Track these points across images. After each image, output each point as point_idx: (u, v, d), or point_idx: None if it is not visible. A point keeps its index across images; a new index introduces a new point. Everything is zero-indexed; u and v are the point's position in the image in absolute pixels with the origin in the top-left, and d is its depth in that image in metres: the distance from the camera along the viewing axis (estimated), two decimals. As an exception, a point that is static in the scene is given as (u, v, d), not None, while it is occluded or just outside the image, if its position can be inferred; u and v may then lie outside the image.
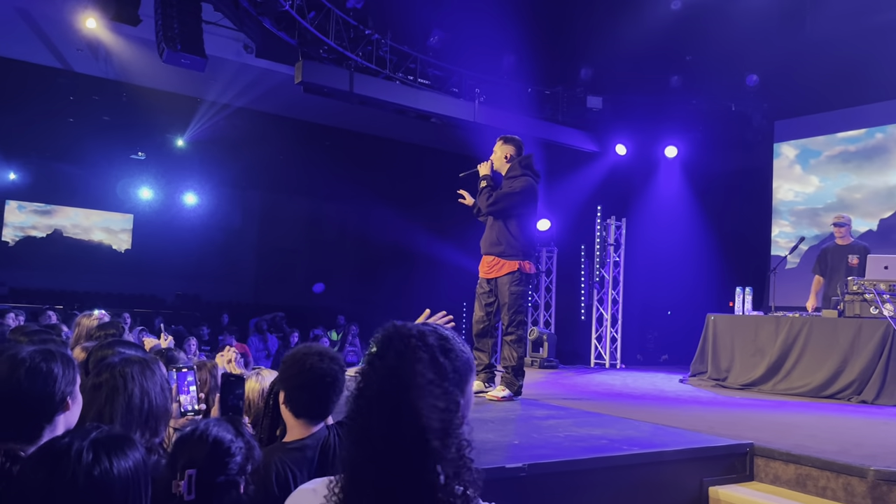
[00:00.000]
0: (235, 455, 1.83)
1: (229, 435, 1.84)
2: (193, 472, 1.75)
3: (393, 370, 1.26)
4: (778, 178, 9.93)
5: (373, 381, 1.28)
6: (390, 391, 1.24)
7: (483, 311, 5.49)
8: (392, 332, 1.32)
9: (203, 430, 1.84)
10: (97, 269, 15.88)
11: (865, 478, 3.30)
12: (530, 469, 2.98)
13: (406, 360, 1.27)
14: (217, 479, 1.79)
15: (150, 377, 2.07)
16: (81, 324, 4.14)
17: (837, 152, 9.19)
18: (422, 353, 1.29)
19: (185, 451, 1.80)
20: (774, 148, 10.27)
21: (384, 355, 1.29)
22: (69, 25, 9.62)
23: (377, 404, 1.25)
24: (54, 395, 1.84)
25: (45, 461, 1.34)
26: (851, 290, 6.38)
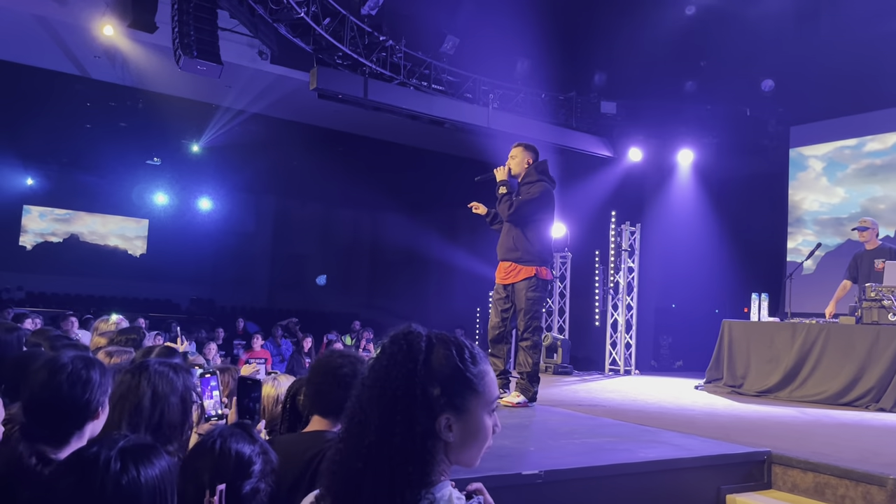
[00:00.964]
0: (255, 462, 1.84)
1: (247, 444, 1.85)
2: (223, 487, 1.76)
3: (372, 371, 1.27)
4: (804, 189, 9.96)
5: (364, 385, 1.28)
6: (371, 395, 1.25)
7: (499, 317, 5.48)
8: (392, 335, 1.31)
9: (222, 444, 1.84)
10: (113, 273, 16.02)
11: (885, 486, 3.26)
12: (547, 476, 2.97)
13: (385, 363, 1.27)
14: (244, 489, 1.80)
15: (168, 384, 2.08)
16: (99, 328, 4.18)
17: (864, 165, 9.23)
18: (400, 356, 1.27)
19: (209, 465, 1.81)
20: (800, 159, 10.25)
21: (378, 358, 1.29)
22: (87, 33, 9.73)
23: (359, 409, 1.26)
24: (90, 403, 1.86)
25: (73, 470, 1.36)
26: (869, 297, 6.32)
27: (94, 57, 10.86)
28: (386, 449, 1.20)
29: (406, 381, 1.24)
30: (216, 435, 1.89)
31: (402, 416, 1.22)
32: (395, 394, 1.23)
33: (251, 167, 15.31)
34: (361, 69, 9.41)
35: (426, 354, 1.28)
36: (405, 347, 1.27)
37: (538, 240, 5.41)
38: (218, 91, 11.83)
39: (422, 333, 1.31)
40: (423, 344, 1.29)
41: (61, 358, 1.90)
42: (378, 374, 1.27)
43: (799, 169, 10.33)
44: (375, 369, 1.28)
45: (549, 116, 11.20)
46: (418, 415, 1.23)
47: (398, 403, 1.23)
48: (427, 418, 1.23)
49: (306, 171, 15.56)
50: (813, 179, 9.94)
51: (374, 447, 1.21)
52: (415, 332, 1.31)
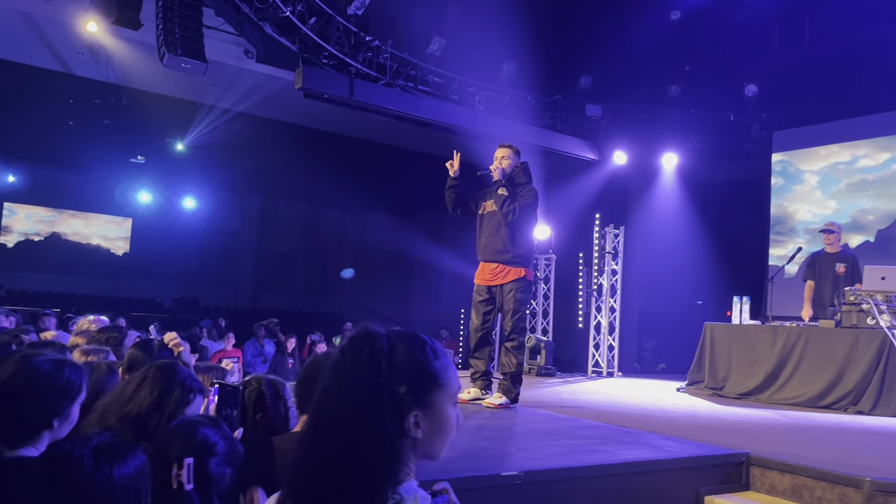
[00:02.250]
0: (220, 442, 1.85)
1: (210, 427, 1.87)
2: (191, 461, 1.76)
3: (335, 375, 1.26)
4: (799, 201, 10.34)
5: (320, 404, 1.27)
6: (351, 414, 1.23)
7: (480, 319, 5.50)
8: (351, 338, 1.30)
9: (188, 426, 1.87)
10: (95, 272, 15.88)
11: (861, 488, 3.30)
12: (526, 476, 2.98)
13: (349, 364, 1.26)
14: (210, 465, 1.80)
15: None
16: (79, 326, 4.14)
17: (857, 181, 9.68)
18: (362, 358, 1.26)
19: (175, 445, 1.81)
20: (797, 174, 10.53)
21: (340, 362, 1.28)
22: (70, 29, 9.64)
23: (324, 414, 1.25)
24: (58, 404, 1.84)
25: (46, 468, 1.35)
26: (848, 301, 6.39)
27: (78, 53, 10.76)
28: (354, 453, 1.19)
29: (372, 384, 1.23)
30: (181, 421, 1.91)
31: (371, 419, 1.21)
32: (360, 396, 1.22)
33: (236, 166, 15.23)
34: (347, 69, 9.39)
35: (388, 354, 1.26)
36: (366, 349, 1.26)
37: (525, 241, 5.47)
38: (203, 89, 11.77)
39: (381, 333, 1.30)
40: (383, 344, 1.27)
41: (34, 356, 1.88)
42: (342, 379, 1.25)
43: (795, 182, 10.57)
44: (338, 373, 1.26)
45: (534, 119, 11.23)
46: (386, 416, 1.22)
47: (365, 406, 1.22)
48: (395, 418, 1.22)
49: (292, 171, 15.51)
50: (808, 193, 10.27)
51: (343, 452, 1.20)
52: (374, 333, 1.29)
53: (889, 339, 5.97)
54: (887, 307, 6.18)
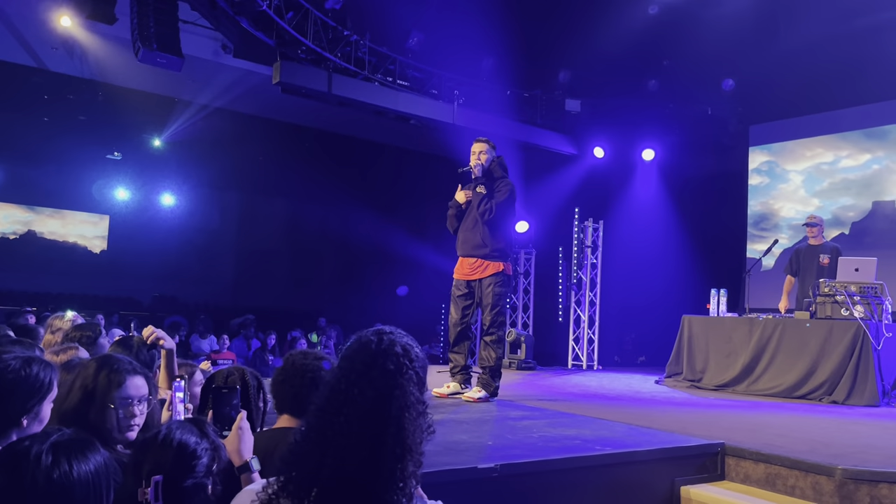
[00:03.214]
0: (202, 457, 1.81)
1: (194, 437, 1.82)
2: (160, 479, 1.72)
3: (383, 391, 1.30)
4: (783, 198, 10.57)
5: (355, 400, 1.30)
6: (377, 412, 1.29)
7: (460, 314, 5.51)
8: (374, 349, 1.34)
9: (166, 435, 1.82)
10: (72, 270, 15.68)
11: (833, 476, 3.35)
12: (502, 469, 2.99)
13: (395, 380, 1.32)
14: (184, 482, 1.77)
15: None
16: (53, 325, 4.09)
17: (839, 180, 10.00)
18: (413, 374, 1.34)
19: (150, 457, 1.77)
20: (783, 174, 10.72)
21: (367, 374, 1.31)
22: (44, 23, 9.50)
23: (359, 424, 1.28)
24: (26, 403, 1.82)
25: (4, 464, 1.33)
26: (823, 292, 6.47)
27: (52, 48, 10.61)
28: (398, 457, 1.26)
29: (407, 392, 1.31)
30: (163, 427, 1.87)
31: (410, 428, 1.29)
32: (406, 402, 1.30)
33: (215, 162, 15.09)
34: (325, 63, 9.33)
35: (408, 360, 1.34)
36: (401, 360, 1.33)
37: (503, 236, 5.49)
38: (180, 85, 11.66)
39: (402, 340, 1.37)
40: (398, 349, 1.35)
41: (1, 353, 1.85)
42: (381, 390, 1.30)
43: (781, 182, 10.73)
44: (376, 386, 1.30)
45: (514, 113, 11.24)
46: (421, 415, 1.32)
47: (411, 410, 1.30)
48: (423, 426, 1.33)
49: (271, 167, 15.41)
50: (792, 191, 10.52)
51: (389, 457, 1.26)
52: (399, 341, 1.37)
53: (863, 329, 6.06)
54: (861, 298, 6.27)
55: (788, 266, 7.64)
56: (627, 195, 11.75)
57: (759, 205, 11.04)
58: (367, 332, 1.38)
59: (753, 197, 11.08)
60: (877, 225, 9.78)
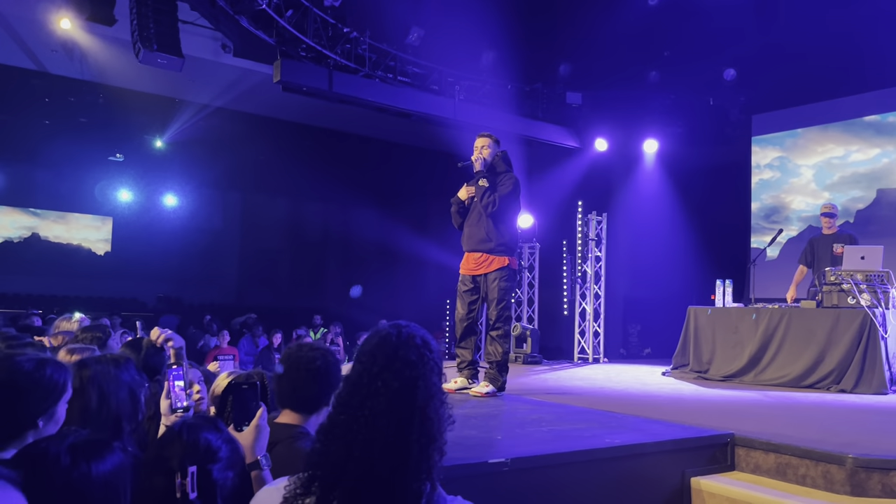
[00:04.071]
0: (222, 447, 1.84)
1: (212, 430, 1.84)
2: (195, 469, 1.75)
3: (407, 382, 1.32)
4: (794, 192, 10.60)
5: (379, 392, 1.31)
6: (403, 402, 1.31)
7: (466, 309, 5.50)
8: (395, 341, 1.37)
9: (189, 431, 1.84)
10: (76, 272, 15.72)
11: (844, 465, 3.34)
12: (513, 464, 2.99)
13: (418, 371, 1.34)
14: (214, 474, 1.79)
15: (113, 380, 2.05)
16: (60, 327, 4.10)
17: (849, 174, 10.04)
18: (433, 364, 1.36)
19: (176, 452, 1.79)
20: (795, 168, 10.74)
21: (391, 366, 1.33)
22: (43, 26, 9.50)
23: (386, 417, 1.30)
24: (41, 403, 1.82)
25: (23, 465, 1.33)
26: (829, 281, 6.46)
27: (52, 51, 10.62)
28: (424, 446, 1.29)
29: (431, 382, 1.35)
30: (181, 425, 1.88)
31: (435, 416, 1.33)
32: (429, 392, 1.33)
33: (217, 163, 15.10)
34: (326, 61, 9.32)
35: (429, 350, 1.38)
36: (422, 350, 1.36)
37: (508, 230, 5.46)
38: (181, 85, 11.66)
39: (415, 333, 1.39)
40: (418, 341, 1.38)
41: (15, 356, 1.86)
42: (405, 381, 1.32)
43: (793, 176, 10.74)
44: (400, 377, 1.32)
45: (515, 108, 11.22)
46: (443, 405, 1.36)
47: (434, 400, 1.33)
48: (446, 406, 1.37)
49: (273, 166, 15.41)
50: (804, 185, 10.56)
51: (415, 446, 1.28)
52: (414, 335, 1.39)
53: (869, 318, 6.05)
54: (867, 286, 6.25)
55: (803, 256, 7.58)
56: (630, 187, 11.72)
57: (770, 198, 11.03)
58: (384, 326, 1.39)
59: (765, 191, 11.07)
60: (882, 213, 9.76)
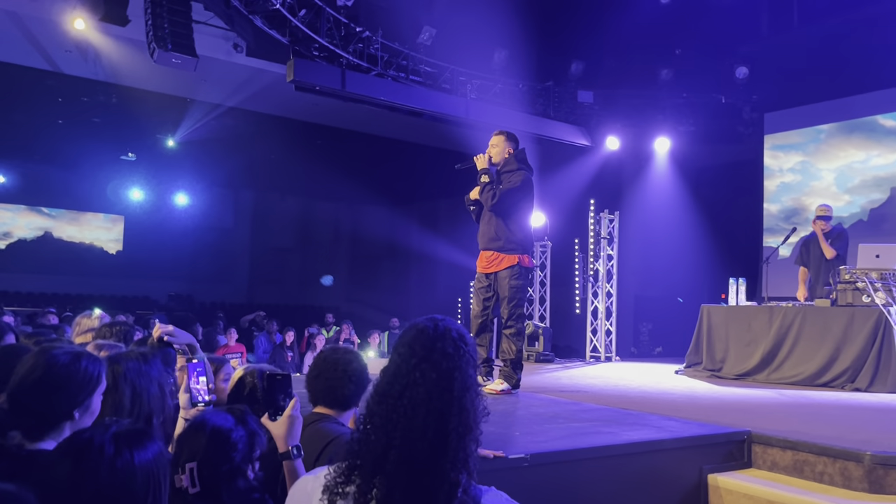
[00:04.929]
0: (237, 443, 1.87)
1: (229, 424, 1.88)
2: (194, 465, 1.79)
3: (445, 373, 1.35)
4: (815, 195, 10.60)
5: (417, 382, 1.34)
6: (441, 392, 1.34)
7: (481, 306, 5.51)
8: (433, 333, 1.40)
9: (200, 423, 1.90)
10: (89, 271, 15.85)
11: (862, 462, 3.34)
12: (533, 459, 3.01)
13: (455, 363, 1.37)
14: (221, 468, 1.82)
15: (144, 377, 2.09)
16: (82, 324, 4.13)
17: (870, 177, 10.09)
18: (469, 356, 1.39)
19: (186, 446, 1.84)
20: (816, 172, 10.75)
21: (429, 357, 1.36)
22: (57, 27, 9.57)
23: (425, 406, 1.33)
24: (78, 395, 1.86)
25: (68, 455, 1.37)
26: (843, 279, 6.44)
27: (66, 51, 10.68)
28: (461, 435, 1.32)
29: (468, 374, 1.38)
30: (200, 417, 1.92)
31: (473, 399, 1.36)
32: (466, 383, 1.36)
33: (228, 162, 15.17)
34: (338, 60, 9.36)
35: (464, 343, 1.40)
36: (458, 343, 1.39)
37: (519, 228, 5.44)
38: (193, 85, 11.71)
39: (451, 326, 1.43)
40: (454, 334, 1.41)
41: (51, 349, 1.90)
42: (442, 372, 1.35)
43: (814, 179, 10.73)
44: (437, 368, 1.36)
45: (526, 106, 11.23)
46: (479, 396, 1.38)
47: (470, 391, 1.36)
48: (481, 398, 1.39)
49: (284, 165, 15.47)
50: (825, 188, 10.59)
51: (454, 436, 1.31)
52: (450, 328, 1.42)
53: (884, 316, 6.03)
54: (882, 285, 6.23)
55: (799, 258, 7.61)
56: (642, 186, 11.71)
57: (790, 200, 11.02)
58: (421, 320, 1.42)
59: (786, 193, 11.05)
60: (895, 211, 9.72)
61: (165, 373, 2.19)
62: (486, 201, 5.40)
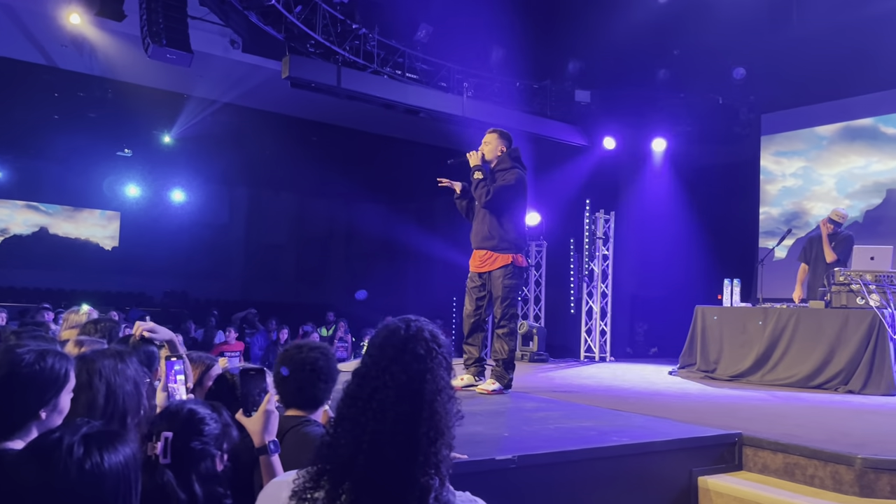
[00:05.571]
0: (210, 424, 1.86)
1: (205, 409, 1.88)
2: (170, 435, 1.78)
3: (415, 375, 1.32)
4: (815, 199, 10.65)
5: (387, 385, 1.31)
6: (411, 395, 1.31)
7: (473, 306, 5.49)
8: (404, 334, 1.37)
9: (178, 405, 1.92)
10: (84, 267, 15.80)
11: (853, 466, 3.32)
12: (520, 460, 2.99)
13: (426, 365, 1.34)
14: (192, 443, 1.81)
15: (120, 373, 2.06)
16: (69, 319, 4.11)
17: (871, 182, 10.11)
18: (442, 358, 1.36)
19: (162, 422, 1.85)
20: (818, 177, 10.75)
21: (399, 359, 1.33)
22: (53, 21, 9.52)
23: (394, 410, 1.29)
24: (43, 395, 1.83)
25: (35, 455, 1.34)
26: (838, 281, 6.43)
27: (61, 46, 10.63)
28: (432, 440, 1.29)
29: (444, 373, 1.35)
30: (180, 401, 1.93)
31: (445, 403, 1.33)
32: (437, 385, 1.33)
33: (224, 158, 15.13)
34: (334, 57, 9.32)
35: (437, 344, 1.37)
36: (431, 345, 1.36)
37: (513, 227, 5.42)
38: (189, 81, 11.66)
39: (424, 327, 1.39)
40: (427, 335, 1.37)
41: (17, 347, 1.87)
42: (413, 374, 1.32)
43: (815, 184, 10.72)
44: (408, 370, 1.32)
45: (523, 105, 11.19)
46: (451, 399, 1.35)
47: (442, 394, 1.33)
48: (454, 401, 1.36)
49: (280, 162, 15.43)
50: (826, 192, 10.60)
51: (424, 440, 1.28)
52: (423, 329, 1.38)
53: (878, 318, 6.01)
54: (876, 287, 6.22)
55: (802, 254, 7.60)
56: (639, 186, 11.69)
57: (792, 204, 11.01)
58: (394, 320, 1.39)
59: (787, 197, 11.04)
60: (891, 213, 9.71)
61: (143, 371, 2.16)
62: (479, 198, 5.37)
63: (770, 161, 11.18)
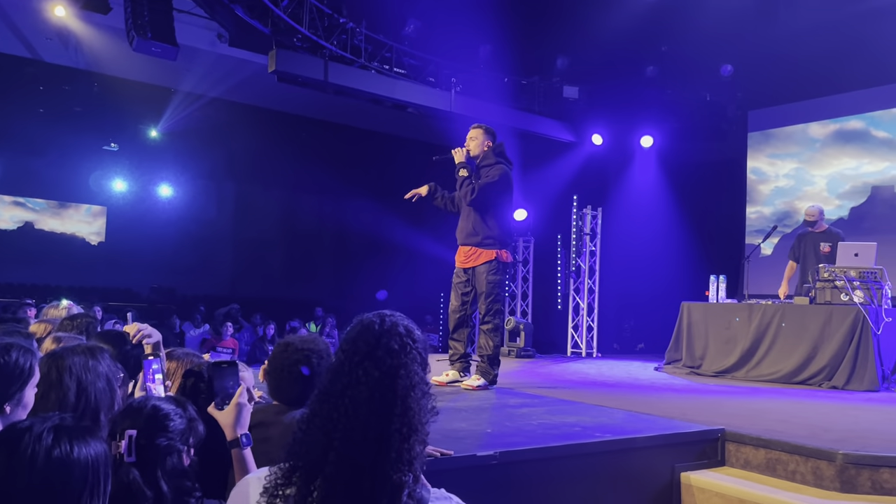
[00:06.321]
0: (174, 420, 1.85)
1: (169, 405, 1.86)
2: (134, 433, 1.77)
3: (389, 371, 1.30)
4: (808, 199, 10.59)
5: (360, 381, 1.30)
6: (384, 391, 1.29)
7: (459, 301, 5.48)
8: (378, 329, 1.35)
9: (142, 400, 1.89)
10: (70, 262, 15.64)
11: (834, 461, 3.34)
12: (502, 457, 2.98)
13: (400, 360, 1.32)
14: (157, 440, 1.79)
15: (92, 370, 2.04)
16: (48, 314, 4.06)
17: (860, 184, 10.20)
18: (417, 353, 1.34)
19: (126, 419, 1.83)
20: (810, 178, 10.83)
21: (372, 354, 1.32)
22: (38, 14, 9.42)
23: (367, 406, 1.28)
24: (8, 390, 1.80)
25: (3, 441, 1.33)
26: (822, 277, 6.46)
27: (46, 39, 10.53)
28: (405, 436, 1.27)
29: (412, 371, 1.33)
30: (143, 397, 1.91)
31: (416, 408, 1.31)
32: (411, 381, 1.31)
33: (212, 153, 15.03)
34: (321, 52, 9.26)
35: (411, 340, 1.35)
36: (405, 340, 1.34)
37: (497, 223, 5.41)
38: (176, 75, 11.58)
39: (398, 322, 1.37)
40: (401, 330, 1.36)
41: None
42: (385, 370, 1.31)
43: (807, 184, 10.77)
44: (381, 366, 1.31)
45: (511, 101, 11.17)
46: (426, 395, 1.34)
47: (416, 390, 1.31)
48: (429, 397, 1.35)
49: (268, 157, 15.34)
50: (817, 192, 10.67)
51: (396, 436, 1.26)
52: (397, 324, 1.36)
53: (862, 314, 6.05)
54: (860, 283, 6.25)
55: (792, 251, 7.61)
56: (626, 182, 11.71)
57: (783, 203, 11.05)
58: (369, 315, 1.37)
59: (779, 197, 11.09)
60: (875, 210, 9.77)
61: (116, 367, 2.14)
62: (464, 196, 5.36)
63: (764, 162, 11.22)
